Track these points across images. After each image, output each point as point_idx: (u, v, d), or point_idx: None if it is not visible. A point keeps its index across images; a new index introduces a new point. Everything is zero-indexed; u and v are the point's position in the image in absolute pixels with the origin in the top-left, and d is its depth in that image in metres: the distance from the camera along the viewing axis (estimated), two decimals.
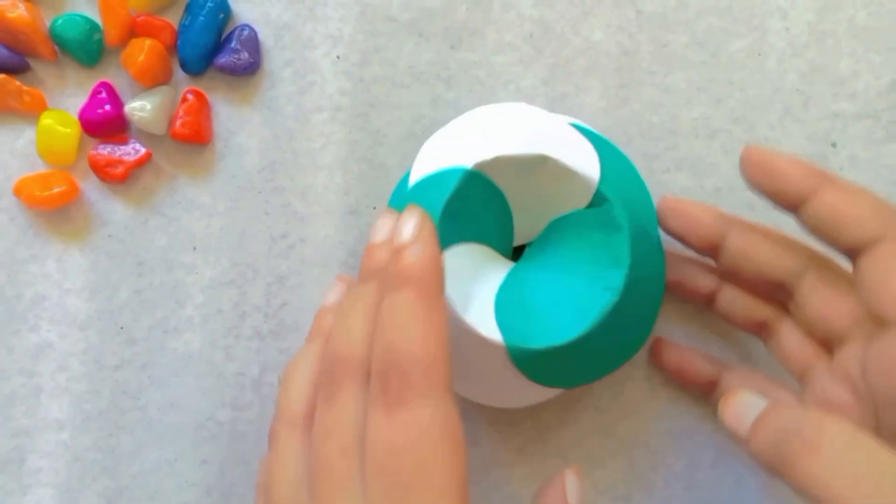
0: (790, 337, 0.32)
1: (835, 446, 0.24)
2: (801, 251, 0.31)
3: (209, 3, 0.36)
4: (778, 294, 0.32)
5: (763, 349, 0.36)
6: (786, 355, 0.32)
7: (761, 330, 0.33)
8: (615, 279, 0.30)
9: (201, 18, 0.36)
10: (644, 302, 0.32)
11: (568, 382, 0.32)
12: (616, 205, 0.30)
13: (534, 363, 0.30)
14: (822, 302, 0.30)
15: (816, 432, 0.24)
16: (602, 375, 0.32)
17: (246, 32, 0.36)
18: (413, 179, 0.31)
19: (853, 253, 0.28)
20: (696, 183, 0.37)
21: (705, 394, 0.35)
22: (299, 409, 0.26)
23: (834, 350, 0.30)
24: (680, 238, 0.33)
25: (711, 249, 0.32)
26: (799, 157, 0.29)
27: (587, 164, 0.31)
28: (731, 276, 0.33)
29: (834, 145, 0.37)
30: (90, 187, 0.37)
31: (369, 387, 0.24)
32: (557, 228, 0.32)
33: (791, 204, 0.29)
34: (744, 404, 0.28)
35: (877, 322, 0.27)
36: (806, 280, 0.30)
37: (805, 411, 0.26)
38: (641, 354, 0.37)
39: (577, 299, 0.30)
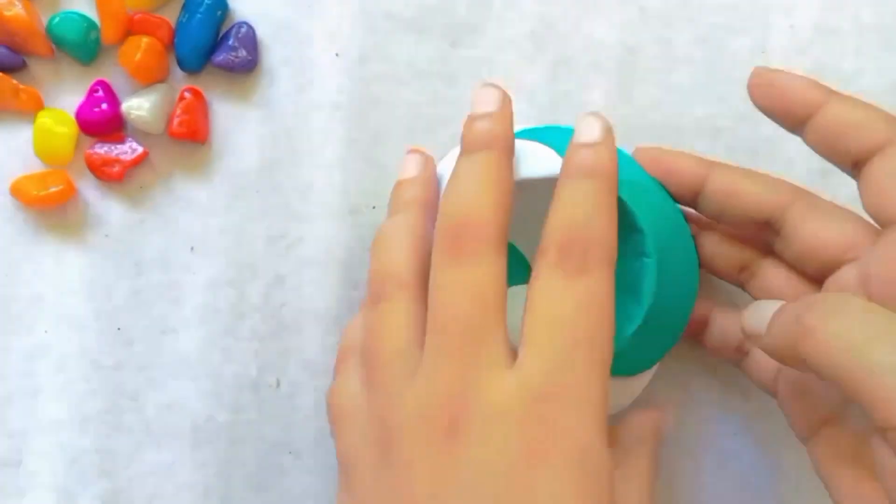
0: (775, 274, 0.31)
1: (852, 309, 0.24)
2: (787, 186, 0.30)
3: (207, 1, 0.36)
4: (762, 234, 0.31)
5: None
6: (771, 294, 0.31)
7: (742, 273, 0.32)
8: (636, 314, 0.30)
9: (199, 16, 0.36)
10: (669, 323, 0.32)
11: None
12: (648, 234, 0.30)
13: None
14: (814, 231, 0.29)
15: (834, 301, 0.25)
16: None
17: (244, 30, 0.36)
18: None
19: (859, 164, 0.28)
20: None
21: (693, 201, 0.33)
22: (407, 272, 0.27)
23: (826, 280, 0.29)
24: None
25: (692, 196, 0.31)
26: (805, 76, 0.29)
27: None
28: (713, 222, 0.33)
29: None
30: (87, 187, 0.37)
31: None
32: None
33: (798, 120, 0.29)
34: (762, 307, 0.28)
35: (883, 225, 0.27)
36: (794, 211, 0.30)
37: (819, 293, 0.26)
38: None
39: None
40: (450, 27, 0.37)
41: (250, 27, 0.36)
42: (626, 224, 0.30)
